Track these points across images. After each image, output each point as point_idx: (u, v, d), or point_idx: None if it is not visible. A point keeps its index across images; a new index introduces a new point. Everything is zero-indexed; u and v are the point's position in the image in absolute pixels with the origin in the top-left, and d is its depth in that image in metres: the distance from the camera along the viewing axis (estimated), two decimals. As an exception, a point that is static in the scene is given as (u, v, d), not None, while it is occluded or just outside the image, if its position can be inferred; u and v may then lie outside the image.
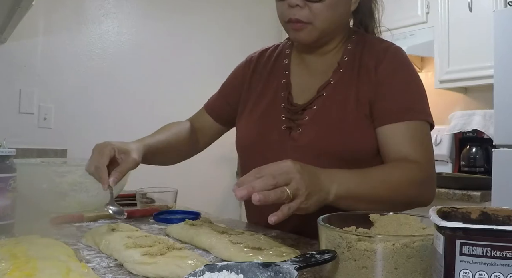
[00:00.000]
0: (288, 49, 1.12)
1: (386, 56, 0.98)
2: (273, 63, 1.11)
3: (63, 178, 1.10)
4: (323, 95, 0.99)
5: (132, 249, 0.69)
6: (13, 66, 2.51)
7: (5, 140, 1.40)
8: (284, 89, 1.05)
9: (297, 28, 0.95)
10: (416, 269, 0.54)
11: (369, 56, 0.99)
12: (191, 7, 3.11)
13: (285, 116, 1.01)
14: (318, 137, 0.96)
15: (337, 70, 1.01)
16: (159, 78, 2.97)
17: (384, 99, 0.94)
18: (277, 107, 1.03)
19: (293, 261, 0.55)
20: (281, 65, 1.10)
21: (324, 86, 1.00)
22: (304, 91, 1.03)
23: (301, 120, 0.99)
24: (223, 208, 3.16)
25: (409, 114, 0.93)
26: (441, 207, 0.55)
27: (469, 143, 2.51)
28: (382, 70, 0.96)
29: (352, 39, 1.04)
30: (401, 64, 0.98)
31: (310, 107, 0.99)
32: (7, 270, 0.57)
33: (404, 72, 0.98)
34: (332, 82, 1.00)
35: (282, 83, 1.06)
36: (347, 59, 1.01)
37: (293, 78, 1.06)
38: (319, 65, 1.04)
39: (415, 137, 0.92)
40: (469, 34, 2.37)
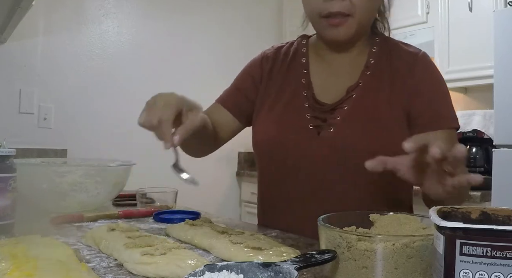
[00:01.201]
0: (304, 48, 1.10)
1: (418, 62, 0.99)
2: (290, 61, 1.09)
3: (63, 178, 1.10)
4: (352, 96, 0.98)
5: (132, 249, 0.69)
6: (13, 66, 2.51)
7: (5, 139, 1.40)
8: (305, 89, 1.03)
9: (337, 24, 0.92)
10: (416, 269, 0.54)
11: (399, 61, 1.00)
12: (191, 7, 3.11)
13: (310, 115, 0.99)
14: (355, 137, 0.94)
15: (364, 72, 1.00)
16: (159, 78, 2.97)
17: (420, 107, 0.96)
18: (299, 106, 1.01)
19: (293, 261, 0.55)
20: (299, 64, 1.07)
21: (353, 88, 0.99)
22: (329, 91, 1.01)
23: (332, 119, 0.97)
24: (223, 208, 3.16)
25: (446, 121, 0.96)
26: (441, 207, 0.55)
27: (469, 143, 2.51)
28: (416, 76, 0.97)
29: (376, 41, 1.04)
30: (433, 70, 1.00)
31: (341, 107, 0.98)
32: (7, 270, 0.57)
33: (436, 78, 1.00)
34: (361, 84, 0.99)
35: (302, 82, 1.04)
36: (374, 62, 1.01)
37: (313, 77, 1.05)
38: (343, 65, 1.03)
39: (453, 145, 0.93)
40: (469, 34, 2.37)
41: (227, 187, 3.28)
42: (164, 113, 0.75)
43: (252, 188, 3.11)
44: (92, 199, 1.14)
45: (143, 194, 1.24)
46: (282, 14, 3.49)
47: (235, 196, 3.29)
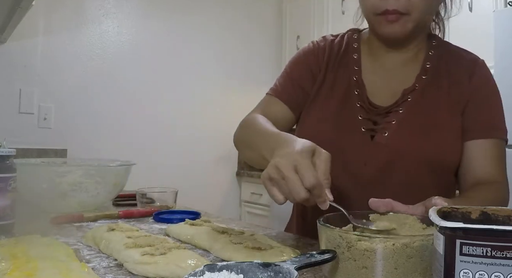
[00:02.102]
0: (356, 43, 1.05)
1: (477, 70, 0.97)
2: (342, 55, 1.03)
3: (63, 178, 1.10)
4: (408, 100, 0.95)
5: (132, 249, 0.69)
6: (13, 66, 2.51)
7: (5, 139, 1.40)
8: (357, 87, 0.98)
9: (393, 20, 0.89)
10: (416, 269, 0.54)
11: (459, 68, 0.97)
12: (191, 7, 3.11)
13: (362, 116, 0.95)
14: (411, 143, 0.91)
15: (420, 76, 0.97)
16: (159, 78, 2.97)
17: (476, 114, 0.94)
18: (352, 106, 0.97)
19: (293, 261, 0.55)
20: (351, 60, 1.02)
21: (409, 91, 0.95)
22: (382, 92, 0.97)
23: (386, 123, 0.93)
24: (223, 208, 3.16)
25: (498, 132, 0.94)
26: (441, 207, 0.55)
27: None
28: (475, 83, 0.96)
29: (433, 45, 1.01)
30: (490, 79, 0.99)
31: (396, 110, 0.94)
32: (7, 270, 0.57)
33: (493, 87, 0.98)
34: (417, 87, 0.96)
35: (354, 79, 0.99)
36: (430, 66, 0.98)
37: (365, 76, 1.00)
38: (397, 66, 0.99)
39: (499, 157, 0.93)
40: (469, 34, 2.37)
41: (227, 187, 3.28)
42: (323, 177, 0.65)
43: (252, 188, 3.11)
44: (92, 199, 1.14)
45: (143, 194, 1.24)
46: (282, 14, 3.49)
47: (235, 196, 3.29)
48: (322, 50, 1.04)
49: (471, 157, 0.93)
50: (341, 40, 1.06)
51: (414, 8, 0.88)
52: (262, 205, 3.05)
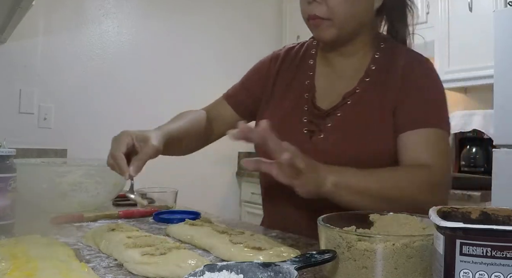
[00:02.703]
0: (313, 49, 1.10)
1: (415, 67, 0.98)
2: (299, 62, 1.10)
3: (63, 178, 1.10)
4: (347, 103, 0.98)
5: (132, 249, 0.69)
6: (13, 66, 2.51)
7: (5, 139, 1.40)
8: (308, 91, 1.04)
9: (316, 24, 0.95)
10: (416, 269, 0.54)
11: (397, 68, 0.98)
12: (191, 7, 3.11)
13: (307, 119, 1.00)
14: (338, 145, 0.95)
15: (363, 79, 1.00)
16: (159, 78, 2.97)
17: (407, 109, 0.95)
18: (300, 109, 1.02)
19: (293, 261, 0.55)
20: (307, 66, 1.08)
21: (350, 94, 0.99)
22: (328, 95, 1.02)
23: (324, 125, 0.98)
24: (223, 208, 3.16)
25: (428, 122, 0.93)
26: (441, 207, 0.55)
27: (469, 143, 2.51)
28: (408, 79, 0.96)
29: (381, 47, 1.03)
30: (428, 77, 0.99)
31: (334, 113, 0.98)
32: (7, 270, 0.57)
33: (430, 84, 0.98)
34: (358, 91, 0.99)
35: (306, 84, 1.05)
36: (375, 69, 1.00)
37: (318, 80, 1.05)
38: (345, 69, 1.03)
39: (431, 143, 0.93)
40: (469, 34, 2.37)
41: (227, 187, 3.28)
42: (116, 151, 0.85)
43: (252, 188, 3.11)
44: (92, 199, 1.14)
45: (143, 194, 1.24)
46: (282, 14, 3.49)
47: (235, 196, 3.29)
48: (276, 58, 1.13)
49: (403, 147, 0.93)
50: (300, 47, 1.14)
51: (334, 14, 0.92)
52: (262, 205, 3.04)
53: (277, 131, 0.99)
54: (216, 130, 1.16)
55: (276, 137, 0.74)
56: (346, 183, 0.82)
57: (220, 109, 1.16)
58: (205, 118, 1.13)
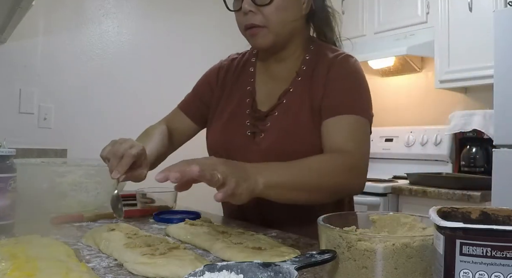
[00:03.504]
0: (253, 58, 1.19)
1: (335, 63, 1.05)
2: (240, 71, 1.18)
3: (63, 178, 1.10)
4: (283, 102, 1.06)
5: (132, 249, 0.70)
6: (13, 66, 2.51)
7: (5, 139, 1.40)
8: (248, 96, 1.12)
9: (254, 33, 1.03)
10: (416, 269, 0.54)
11: (321, 65, 1.06)
12: (191, 7, 3.11)
13: (249, 122, 1.08)
14: (276, 142, 1.02)
15: (296, 78, 1.08)
16: (159, 78, 2.97)
17: (327, 99, 1.01)
18: (242, 113, 1.10)
19: (293, 261, 0.55)
20: (247, 73, 1.16)
21: (284, 94, 1.07)
22: (267, 98, 1.10)
23: (263, 126, 1.06)
24: (223, 208, 3.16)
25: (347, 109, 0.99)
26: (441, 207, 0.55)
27: (469, 143, 2.51)
28: (331, 75, 1.04)
29: (310, 49, 1.11)
30: (347, 69, 1.05)
31: (272, 114, 1.06)
32: (7, 270, 0.57)
33: (349, 75, 1.04)
34: (291, 90, 1.07)
35: (247, 90, 1.13)
36: (305, 69, 1.08)
37: (258, 85, 1.13)
38: (280, 73, 1.11)
39: (349, 129, 0.98)
40: (469, 34, 2.37)
41: (227, 187, 3.27)
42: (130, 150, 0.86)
43: (252, 188, 3.10)
44: (92, 199, 1.14)
45: (143, 194, 1.24)
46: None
47: (235, 196, 3.29)
48: (222, 68, 1.22)
49: (324, 133, 1.00)
50: (242, 57, 1.22)
51: (269, 21, 1.01)
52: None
53: (223, 136, 1.10)
54: (177, 140, 1.23)
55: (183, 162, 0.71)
56: (277, 181, 0.81)
57: (178, 120, 1.23)
58: (167, 133, 1.19)
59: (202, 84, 1.24)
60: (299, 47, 1.11)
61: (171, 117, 1.25)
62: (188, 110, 1.23)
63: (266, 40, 1.03)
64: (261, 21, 1.01)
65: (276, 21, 1.01)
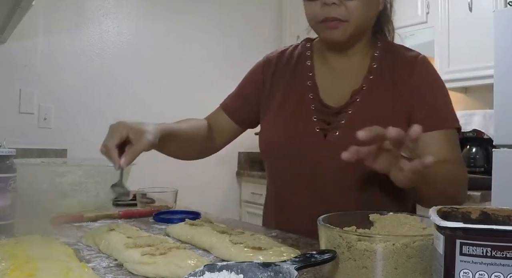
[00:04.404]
0: (309, 51, 1.13)
1: (417, 64, 1.02)
2: (295, 64, 1.11)
3: (63, 178, 1.10)
4: (357, 100, 1.01)
5: (132, 249, 0.69)
6: (13, 66, 2.51)
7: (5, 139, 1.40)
8: (311, 91, 1.05)
9: (333, 26, 0.96)
10: (416, 269, 0.54)
11: (400, 65, 1.03)
12: (191, 7, 3.11)
13: (317, 118, 1.02)
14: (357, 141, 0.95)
15: (367, 76, 1.03)
16: (159, 78, 2.97)
17: (422, 107, 0.99)
18: (306, 108, 1.04)
19: (293, 261, 0.55)
20: (304, 67, 1.10)
21: (357, 92, 1.01)
22: (334, 94, 1.04)
23: (337, 123, 1.00)
24: (223, 208, 3.16)
25: (446, 123, 0.99)
26: (441, 207, 0.55)
27: (469, 143, 2.51)
28: (416, 78, 1.00)
29: (378, 46, 1.07)
30: (432, 72, 1.04)
31: (345, 110, 1.00)
32: (7, 270, 0.57)
33: (436, 81, 1.03)
34: (364, 88, 1.02)
35: (308, 84, 1.06)
36: (376, 66, 1.04)
37: (319, 80, 1.07)
38: (346, 69, 1.06)
39: (451, 144, 0.98)
40: (469, 34, 2.37)
41: (227, 187, 3.28)
42: (109, 142, 0.84)
43: (252, 188, 3.11)
44: (92, 199, 1.14)
45: (143, 194, 1.24)
46: (282, 14, 3.49)
47: (235, 196, 3.29)
48: (269, 63, 1.15)
49: (425, 147, 0.96)
50: (294, 50, 1.15)
51: (352, 16, 0.95)
52: (262, 205, 3.03)
53: (288, 132, 1.03)
54: (218, 139, 1.17)
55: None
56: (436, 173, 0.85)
57: (219, 120, 1.17)
58: (206, 127, 1.14)
59: (247, 85, 1.18)
60: (367, 44, 1.07)
61: (211, 116, 1.19)
62: (230, 111, 1.17)
63: (345, 35, 0.97)
64: (344, 15, 0.95)
65: (358, 16, 0.96)
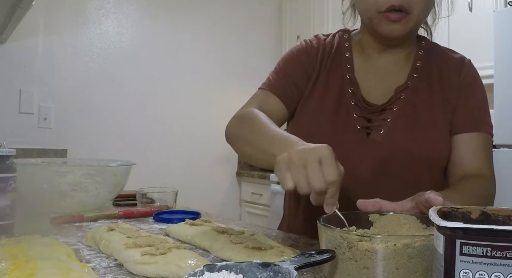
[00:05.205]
0: (347, 42, 1.06)
1: (465, 68, 1.01)
2: (334, 54, 1.04)
3: (63, 178, 1.10)
4: (401, 97, 0.97)
5: (132, 249, 0.69)
6: (13, 66, 2.51)
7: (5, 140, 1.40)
8: (351, 85, 0.99)
9: (396, 19, 0.90)
10: (417, 269, 0.54)
11: (447, 66, 1.01)
12: (191, 7, 3.11)
13: (358, 114, 0.96)
14: (406, 139, 0.93)
15: (412, 74, 1.00)
16: (159, 78, 2.97)
17: (464, 109, 0.97)
18: (346, 104, 0.98)
19: (292, 261, 0.54)
20: (343, 58, 1.03)
21: (402, 89, 0.98)
22: (375, 90, 0.99)
23: (382, 121, 0.95)
24: (223, 208, 3.16)
25: (484, 126, 0.97)
26: (441, 207, 0.55)
27: (469, 143, 2.51)
28: (463, 81, 0.99)
29: (422, 45, 1.04)
30: (477, 78, 1.03)
31: (390, 108, 0.96)
32: (7, 270, 0.57)
33: (480, 84, 1.02)
34: (409, 85, 0.98)
35: (347, 78, 1.00)
36: (420, 65, 1.01)
37: (358, 74, 1.01)
38: (389, 66, 1.02)
39: (486, 150, 0.97)
40: (469, 34, 2.37)
41: (227, 187, 3.28)
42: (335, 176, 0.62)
43: (252, 188, 3.11)
44: (92, 199, 1.14)
45: (143, 194, 1.24)
46: (282, 14, 3.49)
47: (235, 196, 3.29)
48: (315, 49, 1.05)
49: (460, 150, 0.96)
50: (332, 39, 1.07)
51: (415, 7, 0.89)
52: (262, 205, 3.05)
53: (332, 129, 0.96)
54: None
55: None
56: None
57: (270, 104, 1.01)
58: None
59: (294, 67, 1.04)
60: (414, 40, 1.03)
61: (261, 101, 1.01)
62: (279, 93, 1.01)
63: (406, 30, 0.91)
64: (409, 6, 0.89)
65: (421, 8, 0.91)
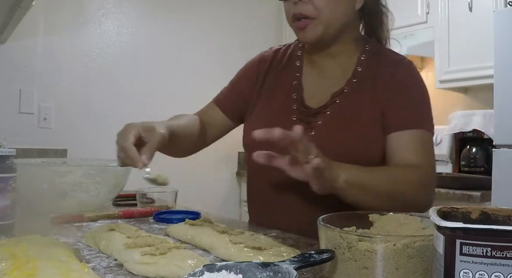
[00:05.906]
0: (299, 51, 1.13)
1: (400, 68, 1.02)
2: (285, 64, 1.13)
3: (63, 178, 1.10)
4: (336, 102, 1.02)
5: (132, 249, 0.69)
6: (13, 66, 2.51)
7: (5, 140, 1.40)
8: (295, 91, 1.07)
9: (302, 26, 0.98)
10: (417, 269, 0.54)
11: (384, 69, 1.03)
12: (191, 7, 3.11)
13: (296, 117, 1.03)
14: (330, 141, 0.97)
15: (351, 79, 1.03)
16: (159, 78, 2.97)
17: (395, 109, 0.99)
18: (289, 108, 1.05)
19: (292, 261, 0.54)
20: (293, 67, 1.11)
21: (337, 94, 1.02)
22: (316, 94, 1.05)
23: (314, 123, 1.01)
24: (223, 208, 3.16)
25: (417, 124, 0.98)
26: (441, 207, 0.55)
27: (469, 143, 2.51)
28: (396, 81, 1.01)
29: (366, 50, 1.07)
30: (413, 77, 1.04)
31: (324, 111, 1.02)
32: (7, 270, 0.57)
33: (415, 85, 1.03)
34: (345, 91, 1.02)
35: (294, 84, 1.08)
36: (361, 70, 1.04)
37: (305, 80, 1.08)
38: (332, 70, 1.07)
39: (420, 145, 0.97)
40: (469, 34, 2.37)
41: (227, 187, 3.28)
42: (125, 142, 0.81)
43: (252, 188, 3.11)
44: (92, 199, 1.14)
45: (143, 194, 1.24)
46: (282, 14, 3.49)
47: (235, 196, 3.29)
48: (264, 60, 1.15)
49: (393, 147, 0.98)
50: (287, 49, 1.16)
51: (320, 12, 0.96)
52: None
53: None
54: (210, 134, 1.17)
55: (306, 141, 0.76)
56: (357, 181, 0.85)
57: (211, 114, 1.17)
58: (198, 122, 1.13)
59: (241, 79, 1.18)
60: (351, 45, 1.06)
61: (203, 111, 1.18)
62: (224, 106, 1.16)
63: (315, 33, 0.98)
64: (311, 12, 0.96)
65: (327, 12, 0.96)
